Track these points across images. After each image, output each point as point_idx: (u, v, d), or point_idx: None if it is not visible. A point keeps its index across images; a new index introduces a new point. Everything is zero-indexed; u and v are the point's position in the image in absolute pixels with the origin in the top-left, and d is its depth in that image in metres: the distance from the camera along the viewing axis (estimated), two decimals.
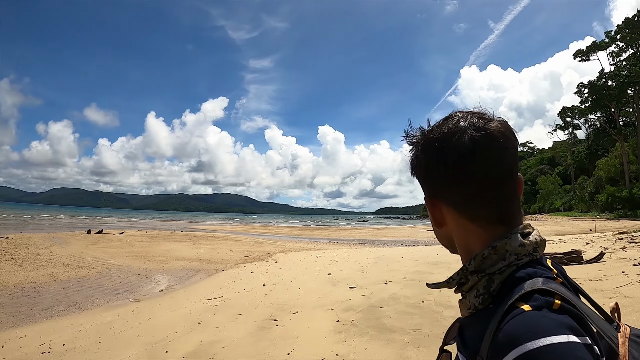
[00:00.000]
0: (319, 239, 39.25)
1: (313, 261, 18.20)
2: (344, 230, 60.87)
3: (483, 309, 1.00)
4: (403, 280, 11.15)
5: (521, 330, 0.82)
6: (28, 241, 28.11)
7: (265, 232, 53.74)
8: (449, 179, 1.06)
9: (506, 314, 0.88)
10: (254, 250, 25.78)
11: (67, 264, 19.35)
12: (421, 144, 1.12)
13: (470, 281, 1.04)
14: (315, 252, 22.88)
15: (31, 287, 14.52)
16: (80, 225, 57.21)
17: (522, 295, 0.90)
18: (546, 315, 0.84)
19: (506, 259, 1.02)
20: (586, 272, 10.78)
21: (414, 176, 1.18)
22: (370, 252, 20.65)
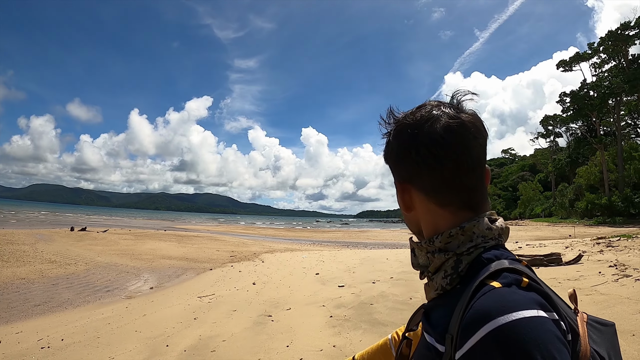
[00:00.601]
0: (303, 241, 39.49)
1: (300, 261, 18.44)
2: (328, 233, 61.12)
3: (451, 290, 1.03)
4: (390, 280, 11.43)
5: (492, 305, 0.85)
6: (11, 237, 28.11)
7: (249, 233, 53.89)
8: (420, 165, 1.08)
9: (476, 292, 0.91)
10: (240, 251, 25.99)
11: (54, 260, 19.43)
12: (395, 129, 1.14)
13: (436, 260, 1.06)
14: (301, 253, 23.09)
15: (20, 284, 14.63)
16: (63, 223, 56.90)
17: (491, 274, 0.94)
18: (516, 292, 0.88)
19: (473, 240, 1.05)
20: (565, 273, 11.29)
21: (387, 162, 1.20)
22: (355, 254, 20.93)
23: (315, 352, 6.17)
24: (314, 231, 67.33)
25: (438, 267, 1.06)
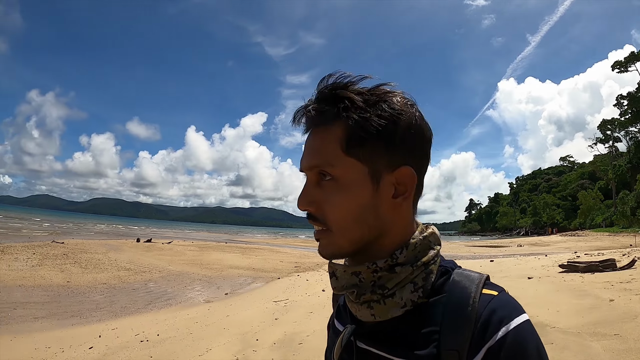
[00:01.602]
0: None
1: None
2: None
3: (422, 304, 0.96)
4: None
5: (503, 311, 0.88)
6: (83, 247, 29.47)
7: (308, 246, 54.30)
8: (426, 156, 1.05)
9: (475, 301, 0.90)
10: (303, 262, 26.80)
11: (129, 268, 20.68)
12: (399, 111, 0.98)
13: (398, 274, 0.96)
14: None
15: (103, 288, 15.95)
16: (127, 234, 58.76)
17: (479, 283, 0.94)
18: (511, 298, 0.94)
19: (434, 247, 1.02)
20: (619, 277, 11.74)
21: (375, 137, 0.96)
22: None
23: None
24: None
25: (401, 280, 0.96)
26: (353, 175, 0.97)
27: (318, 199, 1.00)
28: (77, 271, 19.05)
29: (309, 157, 1.02)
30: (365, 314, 0.98)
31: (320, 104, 1.00)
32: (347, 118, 0.97)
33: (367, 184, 0.97)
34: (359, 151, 0.96)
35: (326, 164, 0.97)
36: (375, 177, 0.97)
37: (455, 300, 0.92)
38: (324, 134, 1.00)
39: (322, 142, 1.00)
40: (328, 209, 0.98)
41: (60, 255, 23.71)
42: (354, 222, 0.96)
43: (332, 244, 0.99)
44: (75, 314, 11.87)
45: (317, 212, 0.99)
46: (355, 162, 0.96)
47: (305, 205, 1.01)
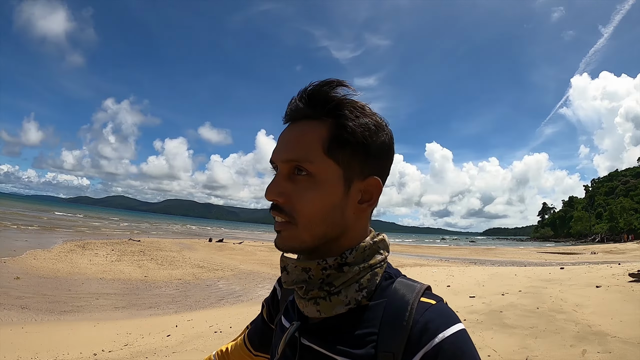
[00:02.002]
0: (430, 257, 39.53)
1: (430, 275, 18.99)
2: (454, 250, 60.28)
3: (364, 305, 1.00)
4: (519, 292, 11.86)
5: (439, 319, 0.92)
6: (158, 245, 30.83)
7: None
8: (389, 165, 1.10)
9: (414, 308, 0.94)
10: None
11: (202, 266, 21.53)
12: (374, 122, 1.05)
13: (345, 274, 1.01)
14: (430, 268, 23.53)
15: (178, 283, 16.79)
16: (198, 234, 60.62)
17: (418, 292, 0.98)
18: (449, 308, 0.98)
19: (382, 252, 1.07)
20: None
21: (351, 146, 1.01)
22: (483, 270, 21.13)
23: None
24: (440, 248, 66.41)
25: (347, 280, 1.01)
26: (329, 176, 1.00)
27: (288, 192, 1.02)
28: (154, 267, 20.08)
29: (287, 149, 1.04)
30: (312, 310, 1.02)
31: (313, 99, 1.03)
32: (335, 120, 1.01)
33: (340, 186, 1.01)
34: (339, 154, 1.00)
35: (305, 160, 1.00)
36: (348, 181, 1.02)
37: (395, 305, 0.96)
38: (308, 130, 1.03)
39: (305, 137, 1.03)
40: (298, 203, 1.00)
41: (137, 252, 25.30)
42: (322, 219, 1.00)
43: (294, 237, 1.01)
44: (152, 305, 12.62)
45: (285, 204, 1.01)
46: (333, 163, 1.00)
47: (275, 196, 1.02)
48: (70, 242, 28.99)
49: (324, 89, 1.02)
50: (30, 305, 11.58)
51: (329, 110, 1.01)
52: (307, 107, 1.03)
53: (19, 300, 12.08)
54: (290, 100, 1.08)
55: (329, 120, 1.02)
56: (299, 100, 1.05)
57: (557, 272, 17.09)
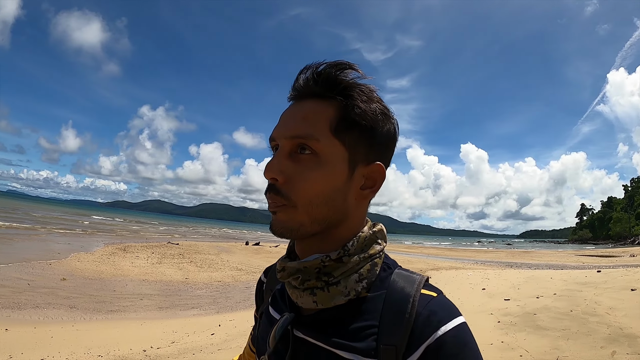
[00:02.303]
0: (465, 260, 39.33)
1: (465, 278, 19.10)
2: (490, 253, 59.62)
3: (363, 297, 0.98)
4: (553, 295, 11.90)
5: (442, 312, 0.92)
6: (197, 248, 31.42)
7: (412, 252, 54.16)
8: (391, 152, 1.08)
9: (415, 300, 0.93)
10: (407, 266, 26.40)
11: (240, 269, 22.01)
12: (382, 108, 1.04)
13: (344, 264, 0.99)
14: (466, 271, 23.56)
15: (218, 285, 17.32)
16: (235, 237, 61.34)
17: (419, 284, 0.97)
18: (449, 300, 0.98)
19: (380, 242, 1.06)
20: None
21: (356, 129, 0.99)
22: (519, 273, 21.03)
23: (487, 345, 7.25)
24: (476, 251, 65.94)
25: (347, 270, 0.99)
26: (334, 156, 0.97)
27: (289, 171, 0.98)
28: (194, 269, 20.63)
29: (292, 125, 1.00)
30: (307, 300, 0.99)
31: (323, 78, 0.99)
32: (345, 101, 0.99)
33: (344, 169, 0.98)
34: (346, 136, 0.98)
35: (311, 137, 0.97)
36: (352, 164, 0.99)
37: (396, 297, 0.95)
38: (316, 108, 1.00)
39: (313, 114, 0.99)
40: (299, 183, 0.96)
41: (177, 255, 25.95)
42: (324, 201, 0.97)
43: (292, 219, 0.98)
44: (195, 306, 13.12)
45: (283, 185, 0.97)
46: (339, 144, 0.98)
47: (276, 174, 0.97)
48: (111, 245, 29.83)
49: (335, 70, 0.99)
50: (78, 304, 12.07)
51: (339, 91, 0.99)
52: (316, 85, 1.00)
53: (67, 300, 12.60)
54: (297, 77, 1.04)
55: (338, 101, 0.99)
56: (308, 79, 1.01)
57: (594, 275, 17.01)
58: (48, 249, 23.59)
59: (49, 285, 14.25)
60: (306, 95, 1.03)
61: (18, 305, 11.27)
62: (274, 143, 1.04)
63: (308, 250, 1.03)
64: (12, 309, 10.93)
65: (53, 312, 11.10)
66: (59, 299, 12.55)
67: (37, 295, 12.76)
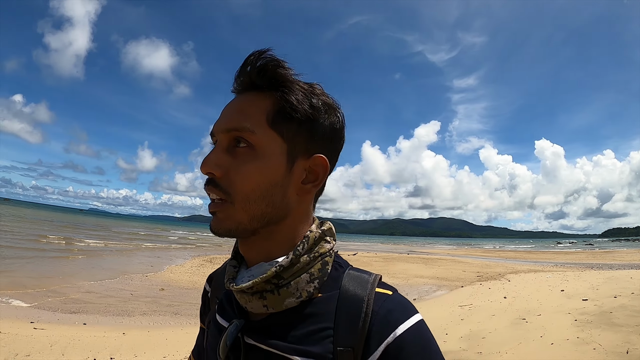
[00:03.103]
0: (544, 262, 38.83)
1: (544, 280, 19.28)
2: (569, 254, 57.95)
3: (314, 298, 0.97)
4: (631, 295, 12.23)
5: (398, 310, 0.93)
6: None
7: (489, 256, 53.80)
8: (339, 148, 1.08)
9: (370, 299, 0.93)
10: (485, 271, 27.23)
11: None
12: (324, 101, 1.02)
13: (296, 265, 0.96)
14: (544, 274, 23.58)
15: None
16: None
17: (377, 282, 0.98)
18: (404, 298, 0.98)
19: (329, 241, 1.04)
20: None
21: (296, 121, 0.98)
22: (599, 274, 20.99)
23: (562, 340, 8.00)
24: (554, 253, 64.45)
25: (298, 270, 0.97)
26: (271, 149, 0.96)
27: (226, 165, 0.96)
28: None
29: (228, 118, 0.99)
30: (257, 305, 0.96)
31: (261, 71, 0.98)
32: (282, 92, 0.97)
33: (283, 162, 0.97)
34: (284, 127, 0.97)
35: (246, 129, 0.95)
36: (292, 157, 0.98)
37: (350, 297, 0.94)
38: (253, 99, 0.99)
39: (249, 106, 0.98)
40: (236, 177, 0.95)
41: None
42: (261, 196, 0.95)
43: (230, 217, 0.96)
44: None
45: (221, 179, 0.96)
46: (276, 136, 0.96)
47: (212, 168, 0.96)
48: (198, 257, 31.48)
49: (273, 64, 0.97)
50: (181, 311, 13.10)
51: (277, 84, 0.98)
52: (254, 78, 1.00)
53: (170, 307, 13.65)
54: (238, 70, 1.03)
55: (276, 93, 0.98)
56: (246, 72, 1.00)
57: None
58: (141, 263, 25.27)
59: (150, 295, 15.44)
60: (246, 88, 1.03)
61: (127, 313, 12.35)
62: (214, 138, 1.03)
63: (250, 249, 1.03)
64: (123, 316, 12.02)
65: (160, 318, 12.12)
66: (162, 307, 13.60)
67: (141, 304, 13.86)
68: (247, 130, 0.95)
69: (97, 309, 12.58)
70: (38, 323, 10.03)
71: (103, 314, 12.06)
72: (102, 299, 13.96)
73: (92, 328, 10.29)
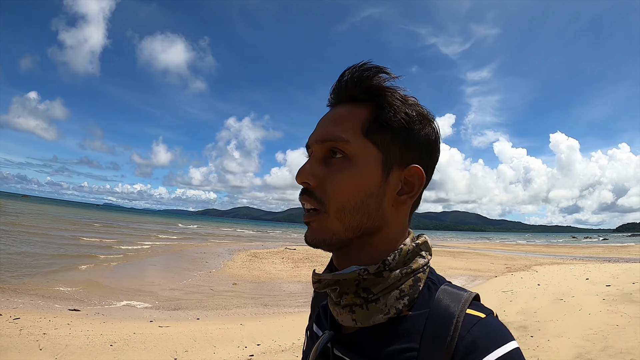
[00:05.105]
0: (564, 256, 40.36)
1: (569, 271, 21.17)
2: (586, 248, 59.54)
3: (404, 315, 0.93)
4: None
5: (488, 337, 0.85)
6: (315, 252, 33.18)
7: (509, 249, 55.55)
8: (436, 159, 1.05)
9: (459, 322, 0.87)
10: (511, 264, 29.14)
11: None
12: (420, 111, 1.01)
13: (385, 279, 0.94)
14: (566, 266, 25.40)
15: None
16: None
17: (465, 303, 0.91)
18: (499, 323, 0.90)
19: (424, 255, 1.00)
20: None
21: (398, 129, 0.97)
22: (617, 266, 22.68)
23: (597, 312, 10.37)
24: (572, 247, 65.84)
25: (388, 286, 0.94)
26: (366, 158, 0.95)
27: (321, 175, 0.96)
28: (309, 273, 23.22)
29: (323, 129, 0.99)
30: (347, 318, 0.96)
31: (356, 83, 0.98)
32: (377, 102, 0.98)
33: (378, 172, 0.96)
34: (378, 137, 0.96)
35: (341, 140, 0.95)
36: (387, 167, 0.96)
37: (438, 318, 0.89)
38: (347, 111, 1.00)
39: (344, 117, 0.99)
40: (331, 187, 0.95)
41: (304, 259, 28.85)
42: (356, 206, 0.94)
43: (325, 227, 0.96)
44: None
45: (316, 189, 0.96)
46: (371, 145, 0.96)
47: (307, 177, 0.96)
48: (240, 252, 33.32)
49: (367, 74, 0.97)
50: (268, 302, 14.70)
51: (372, 94, 0.98)
52: (349, 90, 1.00)
53: (254, 299, 15.14)
54: (332, 85, 1.04)
55: (370, 104, 0.99)
56: (344, 83, 1.01)
57: None
58: (194, 259, 26.62)
59: (228, 290, 16.78)
60: (341, 100, 1.03)
61: (223, 307, 13.49)
62: (310, 150, 1.03)
63: (344, 261, 1.01)
64: (223, 309, 13.20)
65: (256, 309, 13.38)
66: (248, 300, 15.02)
67: (228, 298, 15.17)
68: (342, 141, 0.95)
69: (193, 305, 13.62)
70: (157, 322, 10.79)
71: (204, 308, 13.14)
72: (188, 296, 15.17)
73: (207, 322, 11.24)
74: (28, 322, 9.27)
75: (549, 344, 8.16)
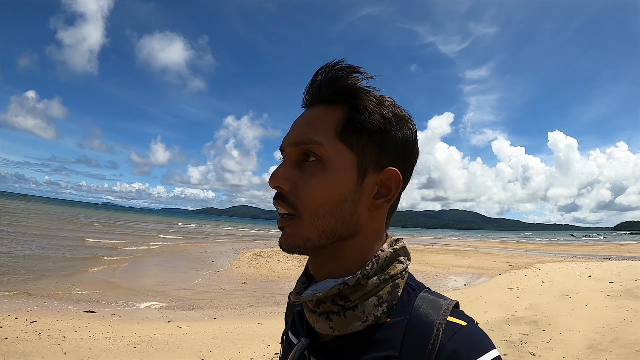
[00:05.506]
0: (564, 254, 40.45)
1: (571, 268, 21.70)
2: (586, 247, 59.65)
3: (383, 322, 0.91)
4: None
5: (469, 345, 0.83)
6: None
7: (509, 248, 55.85)
8: (414, 162, 1.03)
9: (439, 330, 0.85)
10: (514, 262, 29.49)
11: None
12: (397, 113, 0.98)
13: (362, 287, 0.92)
14: (568, 264, 25.86)
15: None
16: None
17: (445, 310, 0.89)
18: (480, 331, 0.88)
19: (402, 261, 0.99)
20: None
21: (372, 133, 0.94)
22: (617, 264, 23.24)
23: (603, 306, 10.88)
24: (572, 245, 66.23)
25: (366, 293, 0.92)
26: (341, 161, 0.93)
27: (294, 179, 0.94)
28: None
29: (297, 132, 0.97)
30: (323, 326, 0.94)
31: (329, 84, 0.95)
32: (351, 103, 0.95)
33: (353, 175, 0.93)
34: (353, 139, 0.93)
35: (315, 142, 0.93)
36: (362, 170, 0.94)
37: (418, 325, 0.87)
38: (321, 112, 0.97)
39: (317, 119, 0.96)
40: (304, 191, 0.92)
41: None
42: (330, 211, 0.92)
43: (298, 233, 0.93)
44: None
45: (290, 193, 0.93)
46: (346, 148, 0.93)
47: (279, 182, 0.94)
48: (244, 251, 33.41)
49: (341, 74, 0.94)
50: (280, 302, 14.31)
51: (346, 95, 0.95)
52: (323, 91, 0.97)
53: (266, 298, 14.94)
54: (306, 86, 1.01)
55: (345, 105, 0.96)
56: (315, 85, 0.98)
57: None
58: (200, 259, 26.40)
59: (239, 289, 16.65)
60: (316, 101, 1.01)
61: (237, 306, 13.36)
62: (284, 153, 1.01)
63: (321, 268, 1.00)
64: (237, 308, 13.06)
65: (270, 308, 13.23)
66: (260, 299, 14.82)
67: (240, 297, 14.99)
68: (316, 143, 0.93)
69: (207, 304, 13.49)
70: (174, 322, 10.63)
71: (219, 308, 13.03)
72: (201, 295, 15.02)
73: (225, 321, 11.13)
74: (45, 325, 9.26)
75: (561, 336, 8.61)
